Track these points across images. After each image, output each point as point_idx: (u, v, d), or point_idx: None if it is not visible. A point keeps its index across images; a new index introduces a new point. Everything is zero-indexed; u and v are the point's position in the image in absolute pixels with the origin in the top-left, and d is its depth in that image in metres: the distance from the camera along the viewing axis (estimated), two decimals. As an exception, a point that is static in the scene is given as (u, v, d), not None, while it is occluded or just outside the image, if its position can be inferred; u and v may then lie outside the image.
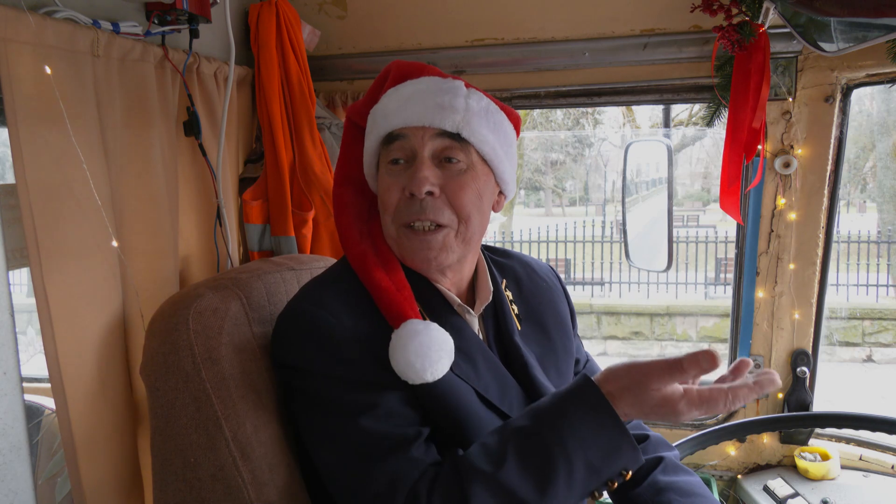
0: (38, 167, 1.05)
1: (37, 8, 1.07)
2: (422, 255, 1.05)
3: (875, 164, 12.57)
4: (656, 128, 13.09)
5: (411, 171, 1.04)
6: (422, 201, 1.03)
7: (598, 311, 9.51)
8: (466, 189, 1.05)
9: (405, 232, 1.06)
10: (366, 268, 1.05)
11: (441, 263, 1.07)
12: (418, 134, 1.04)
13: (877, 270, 9.46)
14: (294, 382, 1.04)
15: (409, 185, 1.03)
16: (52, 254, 1.08)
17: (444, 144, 1.05)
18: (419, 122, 1.04)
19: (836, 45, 1.38)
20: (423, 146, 1.04)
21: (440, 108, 1.04)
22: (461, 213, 1.05)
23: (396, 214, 1.06)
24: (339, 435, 0.98)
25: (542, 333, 1.22)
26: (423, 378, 0.96)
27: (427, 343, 0.96)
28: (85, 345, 1.15)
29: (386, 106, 1.08)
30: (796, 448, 1.87)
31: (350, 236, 1.11)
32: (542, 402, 0.97)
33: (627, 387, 0.91)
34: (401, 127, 1.05)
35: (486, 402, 1.06)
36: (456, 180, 1.05)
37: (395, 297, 1.02)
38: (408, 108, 1.05)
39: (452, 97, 1.05)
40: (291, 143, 1.76)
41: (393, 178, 1.06)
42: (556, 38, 1.82)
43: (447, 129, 1.04)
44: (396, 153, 1.06)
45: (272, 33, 1.71)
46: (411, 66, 1.13)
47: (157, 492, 1.06)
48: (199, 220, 1.57)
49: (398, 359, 0.96)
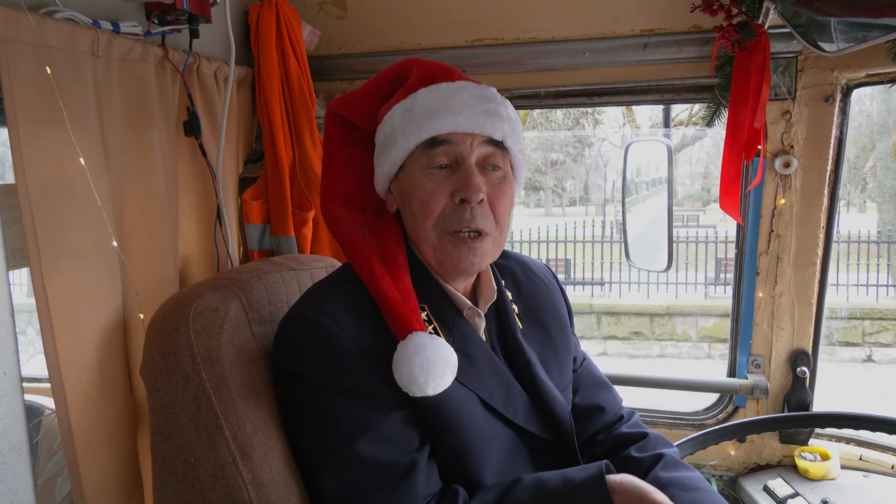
0: (38, 167, 1.05)
1: (37, 8, 1.07)
2: (468, 260, 1.05)
3: (875, 164, 12.57)
4: (656, 128, 13.09)
5: (461, 177, 1.03)
6: (472, 209, 1.03)
7: (598, 311, 9.51)
8: (506, 197, 1.07)
9: (450, 238, 1.04)
10: (372, 277, 1.04)
11: (479, 269, 1.08)
12: (467, 140, 1.04)
13: (877, 270, 9.46)
14: (293, 388, 1.04)
15: (463, 191, 1.02)
16: (52, 254, 1.08)
17: (489, 152, 1.06)
18: (469, 129, 1.03)
19: (836, 45, 1.38)
20: (472, 153, 1.04)
21: (489, 116, 1.04)
22: (500, 220, 1.06)
23: (442, 221, 1.04)
24: (335, 457, 0.99)
25: (542, 332, 1.23)
26: (425, 392, 0.96)
27: (433, 358, 0.96)
28: (85, 345, 1.15)
29: (423, 106, 1.05)
30: (796, 448, 1.87)
31: (353, 245, 1.10)
32: (551, 483, 0.97)
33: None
34: (450, 132, 1.03)
35: (491, 408, 1.06)
36: (498, 188, 1.06)
37: (402, 308, 1.01)
38: (456, 112, 1.03)
39: (497, 105, 1.06)
40: (291, 143, 1.76)
41: (437, 184, 1.04)
42: (556, 38, 1.82)
43: (496, 138, 1.05)
44: (441, 158, 1.05)
45: (272, 33, 1.71)
46: (440, 67, 1.11)
47: (157, 492, 1.06)
48: (199, 220, 1.57)
49: (402, 372, 0.96)
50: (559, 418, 1.14)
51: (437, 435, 1.02)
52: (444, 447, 1.03)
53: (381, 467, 0.97)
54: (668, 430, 1.97)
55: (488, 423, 1.06)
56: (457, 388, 1.02)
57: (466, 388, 1.04)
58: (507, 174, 1.09)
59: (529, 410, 1.11)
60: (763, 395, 1.87)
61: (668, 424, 2.00)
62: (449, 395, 1.00)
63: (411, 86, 1.09)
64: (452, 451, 1.03)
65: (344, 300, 1.04)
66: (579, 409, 1.25)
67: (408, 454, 0.99)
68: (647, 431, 1.27)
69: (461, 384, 1.03)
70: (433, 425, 1.02)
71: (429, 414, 1.01)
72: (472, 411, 1.04)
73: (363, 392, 0.99)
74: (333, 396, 0.99)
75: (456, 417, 1.02)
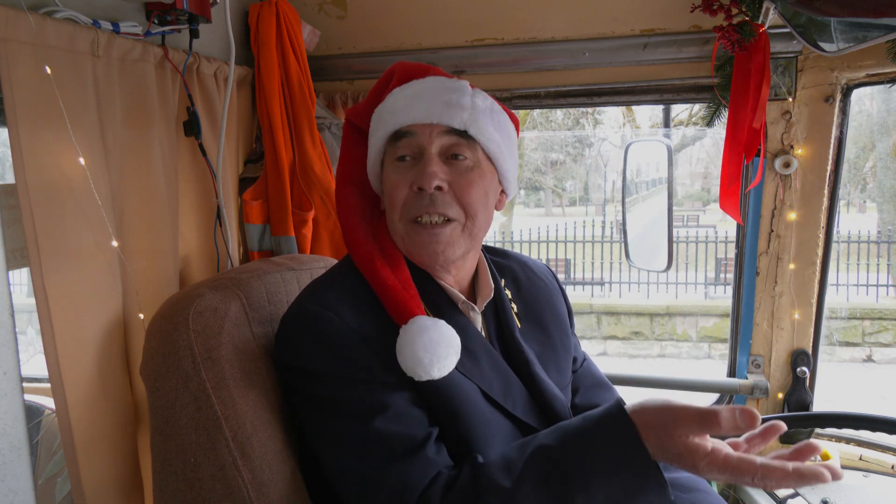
0: (38, 167, 1.05)
1: (37, 8, 1.07)
2: (430, 248, 1.06)
3: (875, 164, 12.57)
4: (656, 128, 13.10)
5: (420, 166, 1.05)
6: (431, 195, 1.04)
7: (598, 311, 9.51)
8: (474, 185, 1.06)
9: (413, 227, 1.06)
10: (372, 266, 1.05)
11: (448, 258, 1.08)
12: (426, 131, 1.05)
13: (877, 270, 9.46)
14: (300, 385, 1.04)
15: (418, 179, 1.04)
16: (52, 254, 1.08)
17: (452, 141, 1.06)
18: (427, 119, 1.05)
19: (836, 45, 1.38)
20: (431, 143, 1.05)
21: (448, 106, 1.05)
22: (469, 209, 1.06)
23: (404, 210, 1.06)
24: (349, 437, 0.98)
25: (541, 331, 1.23)
26: (430, 374, 0.96)
27: (436, 339, 0.96)
28: (85, 345, 1.15)
29: (392, 104, 1.08)
30: (796, 448, 1.87)
31: (356, 236, 1.11)
32: (573, 422, 0.95)
33: (654, 425, 0.86)
34: (409, 124, 1.06)
35: (491, 399, 1.07)
36: (464, 177, 1.06)
37: (402, 294, 1.03)
38: (415, 105, 1.06)
39: (459, 95, 1.06)
40: (291, 143, 1.76)
41: (400, 175, 1.06)
42: (556, 38, 1.82)
43: (455, 127, 1.05)
44: (404, 150, 1.07)
45: (272, 33, 1.71)
46: (416, 67, 1.13)
47: (157, 492, 1.06)
48: (199, 220, 1.56)
49: (406, 355, 0.96)
50: (559, 415, 1.14)
51: (442, 421, 1.02)
52: (448, 434, 1.02)
53: (398, 439, 0.96)
54: (668, 430, 1.97)
55: (490, 413, 1.06)
56: (458, 377, 1.03)
57: (467, 378, 1.05)
58: (479, 164, 1.08)
59: (528, 404, 1.11)
60: (763, 395, 1.87)
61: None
62: (452, 381, 1.01)
63: (390, 87, 1.12)
64: (456, 438, 1.02)
65: (345, 293, 1.05)
66: (579, 410, 1.24)
67: (421, 428, 0.99)
68: None
69: (462, 374, 1.04)
70: (438, 411, 1.02)
71: (433, 399, 1.01)
72: (475, 400, 1.04)
73: (370, 380, 0.99)
74: (341, 386, 0.99)
75: (460, 404, 1.02)
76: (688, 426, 0.83)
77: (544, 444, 0.93)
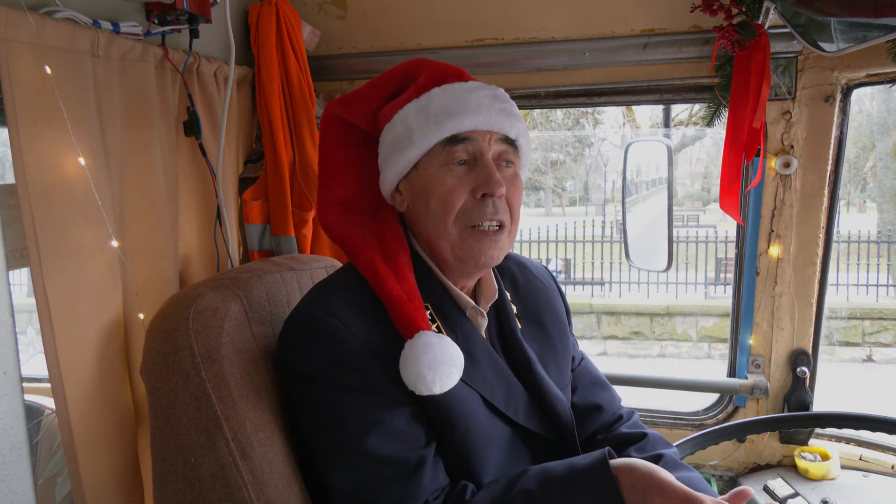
0: (38, 167, 1.05)
1: (37, 8, 1.07)
2: (489, 253, 1.07)
3: (875, 164, 12.57)
4: (656, 128, 13.10)
5: (480, 172, 1.06)
6: (494, 202, 1.06)
7: (598, 311, 9.51)
8: (519, 192, 1.12)
9: (471, 232, 1.06)
10: (377, 277, 1.05)
11: (497, 262, 1.10)
12: (485, 137, 1.07)
13: (877, 270, 9.46)
14: (301, 388, 1.04)
15: (485, 186, 1.05)
16: (52, 254, 1.08)
17: (504, 149, 1.10)
18: (488, 127, 1.07)
19: (836, 45, 1.38)
20: (489, 149, 1.08)
21: (505, 115, 1.08)
22: (514, 214, 1.10)
23: (463, 215, 1.06)
24: (345, 455, 0.99)
25: (540, 331, 1.23)
26: (431, 391, 0.97)
27: (440, 357, 0.96)
28: (85, 345, 1.15)
29: (440, 105, 1.07)
30: (796, 448, 1.87)
31: (355, 247, 1.10)
32: (556, 471, 0.98)
33: (639, 490, 0.91)
34: (470, 130, 1.06)
35: (492, 407, 1.07)
36: (512, 183, 1.10)
37: (408, 307, 1.02)
38: (475, 111, 1.06)
39: (510, 105, 1.11)
40: (291, 143, 1.76)
41: (457, 180, 1.07)
42: (556, 38, 1.82)
43: (510, 136, 1.09)
44: (461, 154, 1.07)
45: (272, 33, 1.71)
46: (449, 67, 1.13)
47: (157, 491, 1.06)
48: (199, 220, 1.56)
49: (409, 370, 0.96)
50: (560, 416, 1.14)
51: (441, 432, 1.03)
52: (447, 445, 1.03)
53: (390, 463, 0.97)
54: (668, 430, 1.97)
55: (490, 422, 1.06)
56: (460, 386, 1.03)
57: (469, 387, 1.05)
58: (517, 171, 1.13)
59: (530, 408, 1.12)
60: (763, 395, 1.87)
61: (668, 424, 2.00)
62: (453, 393, 1.01)
63: (422, 85, 1.10)
64: (454, 449, 1.03)
65: (350, 299, 1.04)
66: (577, 409, 1.25)
67: (416, 450, 1.00)
68: (647, 432, 1.27)
69: (464, 383, 1.04)
70: (437, 423, 1.02)
71: (433, 412, 1.01)
72: (475, 410, 1.05)
73: (371, 390, 0.99)
74: (342, 395, 0.99)
75: (458, 416, 1.02)
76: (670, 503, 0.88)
77: (528, 489, 0.96)
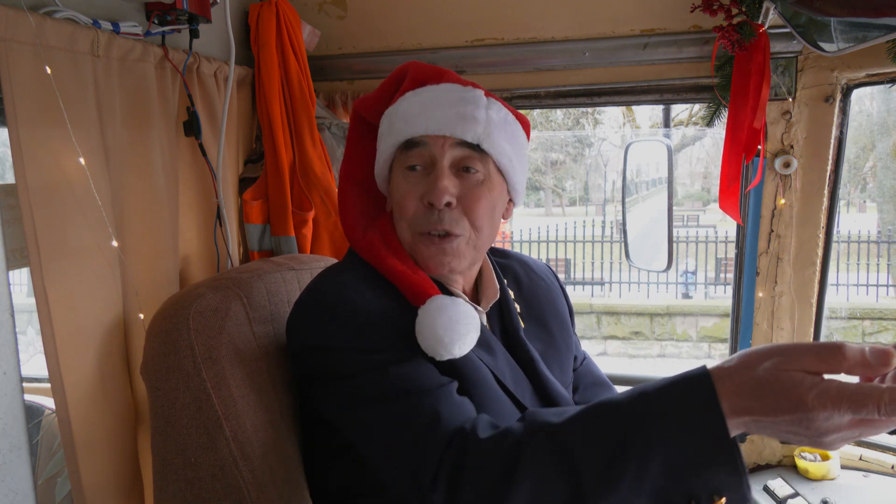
0: (38, 167, 1.05)
1: (37, 8, 1.07)
2: (437, 259, 1.05)
3: (875, 164, 12.57)
4: (656, 128, 13.11)
5: (430, 179, 1.03)
6: (440, 212, 1.03)
7: (598, 311, 9.51)
8: (482, 200, 1.05)
9: (420, 238, 1.06)
10: (377, 255, 1.05)
11: (454, 269, 1.08)
12: (438, 142, 1.04)
13: (877, 270, 9.47)
14: (318, 362, 1.00)
15: (428, 194, 1.02)
16: (52, 254, 1.08)
17: (464, 154, 1.05)
18: (440, 131, 1.03)
19: (836, 45, 1.38)
20: (443, 155, 1.04)
21: (462, 118, 1.03)
22: (475, 223, 1.05)
23: (413, 222, 1.06)
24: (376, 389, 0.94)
25: (543, 330, 1.23)
26: (451, 353, 0.95)
27: (455, 317, 0.95)
28: (85, 345, 1.15)
29: (405, 110, 1.06)
30: (796, 448, 1.87)
31: (355, 232, 1.12)
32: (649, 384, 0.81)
33: (745, 365, 0.73)
34: (421, 134, 1.04)
35: (504, 387, 1.07)
36: (473, 191, 1.05)
37: (414, 277, 1.02)
38: (429, 115, 1.04)
39: (474, 108, 1.04)
40: (291, 143, 1.76)
41: (410, 186, 1.05)
42: (556, 38, 1.82)
43: (468, 140, 1.04)
44: (415, 160, 1.05)
45: (272, 33, 1.71)
46: (430, 70, 1.11)
47: (157, 492, 1.06)
48: (199, 220, 1.56)
49: (426, 334, 0.95)
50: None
51: None
52: None
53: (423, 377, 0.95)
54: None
55: (501, 400, 1.06)
56: (475, 360, 1.03)
57: (483, 364, 1.05)
58: (489, 177, 1.06)
59: (535, 402, 1.12)
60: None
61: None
62: (470, 362, 1.01)
63: (402, 90, 1.10)
64: None
65: (359, 276, 1.05)
66: (579, 408, 1.25)
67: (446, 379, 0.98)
68: None
69: (479, 359, 1.04)
70: None
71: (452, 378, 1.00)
72: (489, 384, 1.04)
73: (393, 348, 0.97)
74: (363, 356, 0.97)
75: (474, 385, 1.01)
76: (799, 360, 0.69)
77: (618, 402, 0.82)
